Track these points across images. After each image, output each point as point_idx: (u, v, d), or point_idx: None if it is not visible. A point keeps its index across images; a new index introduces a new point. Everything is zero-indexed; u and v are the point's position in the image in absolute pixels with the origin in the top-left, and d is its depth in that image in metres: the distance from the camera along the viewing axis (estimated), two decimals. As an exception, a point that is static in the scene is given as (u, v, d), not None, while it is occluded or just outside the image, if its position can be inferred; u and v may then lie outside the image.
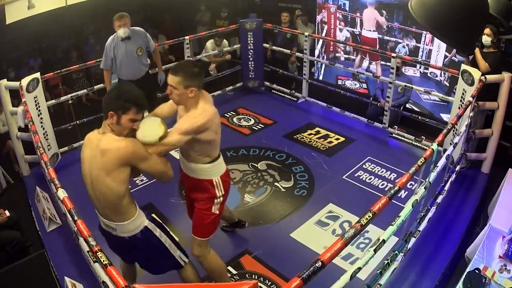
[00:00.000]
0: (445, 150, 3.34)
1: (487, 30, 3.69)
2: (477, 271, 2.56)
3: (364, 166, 4.20)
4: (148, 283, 1.62)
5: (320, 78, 6.25)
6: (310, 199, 3.72)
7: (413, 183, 3.54)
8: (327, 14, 5.88)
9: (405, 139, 4.65)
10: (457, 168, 3.61)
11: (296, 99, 5.76)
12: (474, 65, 3.78)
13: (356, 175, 4.05)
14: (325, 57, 6.11)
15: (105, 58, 4.16)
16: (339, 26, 5.83)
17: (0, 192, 4.28)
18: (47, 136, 4.08)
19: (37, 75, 3.94)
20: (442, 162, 2.82)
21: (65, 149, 4.40)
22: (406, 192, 3.68)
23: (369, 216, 1.91)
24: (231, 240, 3.27)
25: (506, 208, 3.11)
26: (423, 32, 4.96)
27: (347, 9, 5.66)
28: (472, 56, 3.87)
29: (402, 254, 2.64)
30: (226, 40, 6.13)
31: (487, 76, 3.57)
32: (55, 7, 5.93)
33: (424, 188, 2.59)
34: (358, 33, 5.64)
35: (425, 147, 4.39)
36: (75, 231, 2.77)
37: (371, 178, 4.01)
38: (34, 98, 3.87)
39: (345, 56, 5.96)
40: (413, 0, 2.05)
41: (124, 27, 4.03)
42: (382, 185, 3.91)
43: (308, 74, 5.60)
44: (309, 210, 3.57)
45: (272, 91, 6.02)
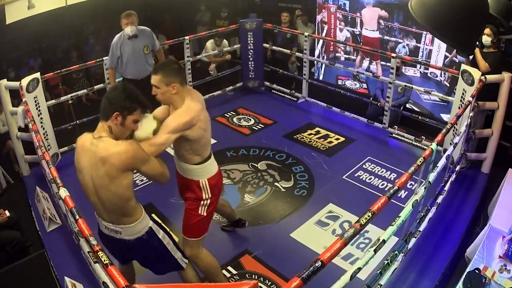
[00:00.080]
0: (445, 150, 3.34)
1: (487, 30, 3.69)
2: (477, 271, 2.56)
3: (364, 166, 4.20)
4: (148, 283, 1.62)
5: (320, 78, 6.24)
6: (310, 199, 3.72)
7: (413, 183, 3.54)
8: (327, 14, 5.88)
9: (405, 139, 4.65)
10: (457, 168, 3.61)
11: (296, 99, 5.76)
12: (474, 65, 3.78)
13: (356, 175, 4.05)
14: (325, 57, 6.11)
15: (111, 56, 4.14)
16: (339, 26, 5.83)
17: (0, 192, 4.28)
18: (47, 136, 4.08)
19: (37, 75, 3.94)
20: (442, 162, 2.82)
21: (65, 149, 4.40)
22: (406, 192, 3.68)
23: (369, 216, 1.92)
24: (231, 240, 3.27)
25: (506, 208, 3.11)
26: (423, 32, 4.96)
27: (347, 9, 5.66)
28: (472, 56, 3.87)
29: (402, 254, 2.64)
30: (226, 40, 6.13)
31: (487, 76, 3.57)
32: (55, 7, 5.94)
33: (424, 188, 2.59)
34: (358, 33, 5.64)
35: (425, 147, 4.38)
36: (76, 231, 2.77)
37: (371, 178, 4.01)
38: (34, 98, 3.87)
39: (345, 56, 5.96)
40: (413, 0, 2.06)
41: (132, 25, 4.02)
42: (382, 185, 3.90)
43: (308, 74, 5.60)
44: (309, 210, 3.57)
45: (272, 91, 6.02)
